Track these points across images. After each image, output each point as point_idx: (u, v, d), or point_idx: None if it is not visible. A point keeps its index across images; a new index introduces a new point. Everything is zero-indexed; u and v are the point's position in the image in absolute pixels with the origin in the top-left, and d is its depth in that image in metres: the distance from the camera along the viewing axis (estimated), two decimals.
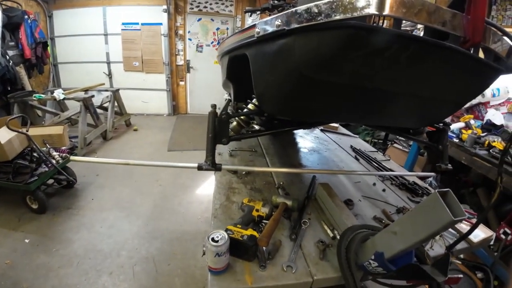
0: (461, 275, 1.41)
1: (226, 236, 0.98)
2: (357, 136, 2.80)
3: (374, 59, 0.76)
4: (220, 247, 0.94)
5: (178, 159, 4.70)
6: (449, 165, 1.52)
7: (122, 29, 6.48)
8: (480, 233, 1.41)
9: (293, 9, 0.75)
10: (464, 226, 1.47)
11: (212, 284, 0.96)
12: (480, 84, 1.09)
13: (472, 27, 0.75)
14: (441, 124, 1.48)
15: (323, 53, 0.75)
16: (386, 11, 0.61)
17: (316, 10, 0.69)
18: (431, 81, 0.92)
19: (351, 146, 2.36)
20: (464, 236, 1.11)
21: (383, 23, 1.28)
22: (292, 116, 1.25)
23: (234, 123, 1.38)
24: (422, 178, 3.22)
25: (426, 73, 0.89)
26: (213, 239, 0.96)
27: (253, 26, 0.96)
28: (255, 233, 1.07)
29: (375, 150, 2.38)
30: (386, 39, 0.68)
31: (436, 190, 0.75)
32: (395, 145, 3.76)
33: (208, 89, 7.05)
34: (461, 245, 1.34)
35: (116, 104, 5.66)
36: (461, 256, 2.86)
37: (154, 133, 5.95)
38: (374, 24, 1.05)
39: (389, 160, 2.20)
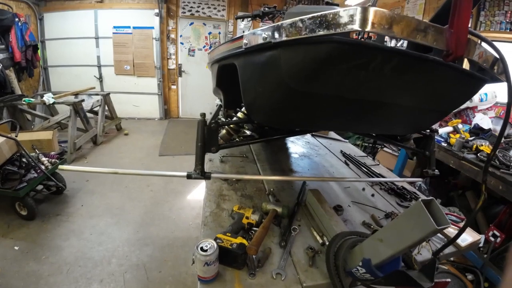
0: (448, 280, 1.43)
1: (215, 245, 0.98)
2: (347, 141, 2.82)
3: (358, 72, 0.78)
4: (209, 256, 0.94)
5: (169, 164, 4.68)
6: (436, 170, 1.55)
7: (113, 33, 6.44)
8: (468, 237, 1.44)
9: (279, 23, 0.76)
10: (451, 231, 1.50)
11: None
12: (465, 93, 1.11)
13: (455, 41, 0.76)
14: (428, 131, 1.51)
15: (308, 67, 0.77)
16: (369, 28, 0.63)
17: (300, 25, 0.70)
18: (416, 92, 0.94)
19: (341, 151, 2.38)
20: (450, 242, 1.13)
21: (368, 37, 1.31)
22: (281, 125, 1.26)
23: (224, 131, 1.38)
24: (412, 182, 3.28)
25: (411, 85, 0.91)
26: (202, 248, 0.96)
27: (241, 37, 0.97)
28: (244, 241, 1.08)
29: (365, 155, 2.41)
30: (369, 53, 0.70)
31: (420, 199, 0.77)
32: (384, 149, 3.82)
33: (200, 93, 7.05)
34: (449, 249, 1.36)
35: (106, 108, 5.61)
36: (451, 258, 2.91)
37: (145, 137, 5.91)
38: (358, 39, 1.07)
39: (378, 165, 2.23)
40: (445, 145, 2.81)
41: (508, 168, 2.37)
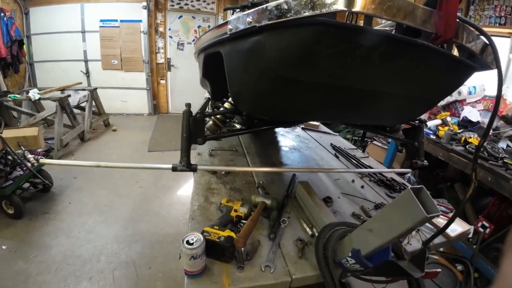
0: (439, 270, 1.43)
1: (202, 238, 0.96)
2: (338, 134, 2.82)
3: (345, 57, 0.75)
4: (195, 250, 0.92)
5: (159, 160, 4.62)
6: (425, 161, 1.56)
7: (100, 26, 6.31)
8: (457, 227, 1.44)
9: (264, 6, 0.73)
10: (441, 221, 1.50)
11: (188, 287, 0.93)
12: (454, 81, 1.10)
13: (444, 23, 0.75)
14: (417, 122, 1.51)
15: (293, 51, 0.74)
16: (356, 8, 0.60)
17: (285, 7, 0.68)
18: (405, 79, 0.93)
19: (331, 144, 2.38)
20: (440, 231, 1.13)
21: (356, 20, 1.29)
22: (269, 115, 1.24)
23: (210, 122, 1.35)
24: (401, 174, 3.30)
25: (400, 71, 0.89)
26: (188, 242, 0.94)
27: (226, 23, 0.94)
28: (232, 234, 1.05)
29: (355, 147, 2.41)
30: (355, 36, 0.68)
31: (410, 187, 0.76)
32: (374, 142, 3.84)
33: (190, 87, 6.93)
34: (439, 239, 1.36)
35: (94, 103, 5.51)
36: (441, 249, 2.95)
37: (134, 133, 5.83)
38: (346, 22, 1.04)
39: (368, 157, 2.23)
40: (434, 137, 2.83)
41: (497, 160, 2.40)
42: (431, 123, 2.94)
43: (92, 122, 5.32)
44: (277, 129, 2.61)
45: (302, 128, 2.79)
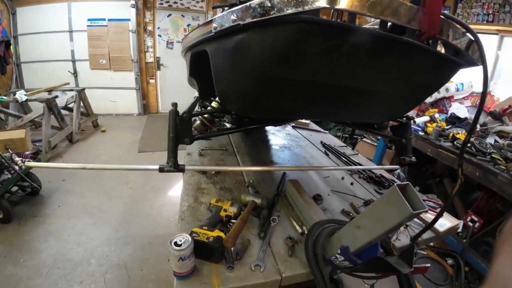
0: (428, 265, 1.44)
1: (190, 239, 0.95)
2: (328, 132, 2.83)
3: (330, 55, 0.75)
4: (183, 251, 0.91)
5: (149, 160, 4.56)
6: (413, 157, 1.57)
7: (88, 26, 6.21)
8: (446, 222, 1.46)
9: (247, 3, 0.72)
10: (430, 216, 1.52)
11: None
12: (440, 78, 1.11)
13: (427, 20, 0.75)
14: (404, 119, 1.52)
15: (278, 50, 0.73)
16: (338, 5, 0.60)
17: (269, 4, 0.67)
18: (392, 76, 0.93)
19: (321, 142, 2.38)
20: (428, 227, 1.13)
21: (341, 18, 1.29)
22: (256, 114, 1.23)
23: (198, 122, 1.34)
24: (390, 171, 3.34)
25: (386, 68, 0.89)
26: (176, 243, 0.93)
27: (211, 21, 0.93)
28: (221, 234, 1.05)
29: (344, 145, 2.42)
30: (339, 34, 0.67)
31: (395, 184, 0.76)
32: (364, 139, 3.87)
33: (180, 87, 6.82)
34: (428, 234, 1.38)
35: (82, 104, 5.41)
36: (431, 244, 2.99)
37: (123, 134, 5.75)
38: (331, 20, 1.04)
39: (358, 154, 2.25)
40: (422, 134, 2.87)
41: (485, 155, 2.44)
42: (419, 120, 2.98)
43: (80, 123, 5.23)
44: (267, 128, 2.61)
45: (293, 127, 2.80)
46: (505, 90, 3.69)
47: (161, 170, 1.17)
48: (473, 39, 0.91)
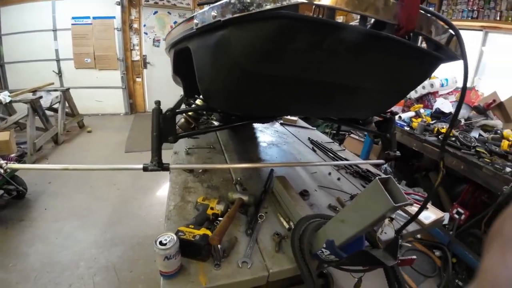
0: (414, 257, 1.46)
1: (175, 238, 0.94)
2: (315, 128, 2.85)
3: (310, 51, 0.75)
4: (168, 250, 0.90)
5: (136, 161, 4.44)
6: (398, 152, 1.60)
7: (72, 24, 6.06)
8: (431, 215, 1.48)
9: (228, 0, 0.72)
10: (415, 209, 1.55)
11: None
12: (422, 73, 1.12)
13: (405, 14, 0.76)
14: (388, 114, 1.54)
15: (258, 46, 0.73)
16: (317, 0, 0.60)
17: (248, 0, 0.67)
18: (374, 71, 0.93)
19: (309, 138, 2.40)
20: (411, 219, 1.15)
21: (323, 14, 1.29)
22: (240, 112, 1.23)
23: (182, 120, 1.32)
24: (377, 166, 3.39)
25: (368, 64, 0.89)
26: (161, 243, 0.93)
27: (193, 17, 0.92)
28: (208, 232, 1.04)
29: (332, 141, 2.44)
30: (318, 29, 0.68)
31: (377, 178, 0.77)
32: (352, 135, 3.91)
33: (167, 85, 6.58)
34: (413, 227, 1.40)
35: (67, 104, 5.30)
36: (418, 236, 3.05)
37: (110, 134, 5.65)
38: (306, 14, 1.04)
39: (344, 150, 2.27)
40: (408, 129, 2.91)
41: (469, 149, 2.50)
42: (405, 115, 3.03)
43: (65, 124, 5.11)
44: (255, 125, 2.61)
45: (281, 124, 2.80)
46: (489, 85, 3.79)
47: (145, 169, 1.15)
48: (453, 33, 0.92)
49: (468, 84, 3.98)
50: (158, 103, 1.13)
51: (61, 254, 2.52)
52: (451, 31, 0.92)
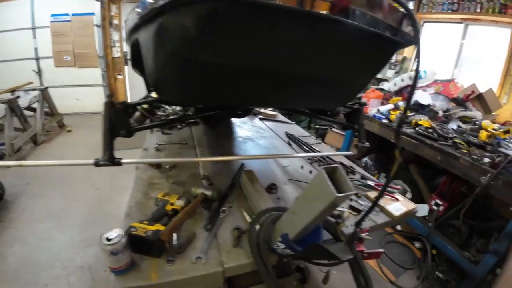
0: (381, 250, 1.44)
1: (121, 234, 0.93)
2: (294, 123, 2.82)
3: (243, 35, 0.71)
4: (114, 246, 0.90)
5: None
6: (367, 143, 1.58)
7: (51, 21, 5.89)
8: (402, 207, 1.47)
9: None
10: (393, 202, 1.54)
11: (114, 284, 0.92)
12: (378, 58, 1.06)
13: None
14: (356, 105, 1.52)
15: (190, 31, 0.69)
16: None
17: None
18: (320, 57, 0.89)
19: (286, 133, 2.37)
20: (368, 212, 1.08)
21: None
22: (191, 104, 1.19)
23: (138, 113, 1.28)
24: (358, 158, 3.39)
25: (310, 48, 0.84)
26: (107, 238, 0.91)
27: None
28: (162, 227, 1.02)
29: (309, 134, 2.42)
30: (248, 12, 0.64)
31: (323, 167, 0.74)
32: (333, 129, 3.91)
33: None
34: (383, 219, 1.39)
35: (46, 104, 5.16)
36: (399, 228, 3.06)
37: (90, 133, 5.44)
38: None
39: (320, 143, 2.26)
40: (386, 121, 2.90)
41: (447, 140, 2.50)
42: (383, 108, 3.03)
43: (44, 124, 4.98)
44: (234, 120, 2.57)
45: (260, 119, 2.77)
46: (469, 77, 3.82)
47: (97, 164, 1.12)
48: (405, 12, 0.87)
49: (448, 76, 4.02)
50: (109, 96, 1.09)
51: (38, 255, 2.49)
52: (402, 9, 0.87)
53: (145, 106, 1.24)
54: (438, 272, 2.53)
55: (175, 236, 1.06)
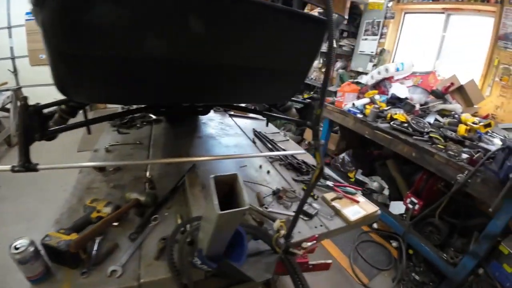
0: (329, 261, 1.36)
1: (29, 243, 0.91)
2: (266, 118, 2.71)
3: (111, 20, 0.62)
4: (21, 254, 0.88)
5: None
6: (322, 141, 1.49)
7: (26, 20, 5.71)
8: (360, 210, 1.40)
9: None
10: (362, 199, 1.47)
11: None
12: (307, 41, 0.95)
13: None
14: (308, 100, 1.43)
15: (55, 21, 0.60)
16: None
17: None
18: (236, 43, 0.79)
19: (254, 130, 2.28)
20: (294, 222, 1.02)
21: None
22: (88, 101, 1.09)
23: (56, 115, 1.19)
24: (336, 154, 3.31)
25: (221, 33, 0.76)
26: (15, 247, 0.90)
27: None
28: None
29: (278, 131, 2.34)
30: None
31: (212, 176, 0.64)
32: None
33: None
34: (338, 224, 1.31)
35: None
36: (375, 226, 2.98)
37: (65, 132, 5.36)
38: None
39: (288, 140, 2.17)
40: (361, 116, 2.81)
41: (422, 135, 2.38)
42: (358, 102, 2.93)
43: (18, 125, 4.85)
44: (201, 117, 2.47)
45: (230, 115, 2.67)
46: (451, 69, 3.71)
47: (13, 170, 1.03)
48: None
49: (429, 68, 3.92)
50: (23, 99, 0.99)
51: (5, 258, 2.40)
52: None
53: (62, 106, 1.15)
54: (415, 274, 2.42)
55: (96, 246, 0.99)
